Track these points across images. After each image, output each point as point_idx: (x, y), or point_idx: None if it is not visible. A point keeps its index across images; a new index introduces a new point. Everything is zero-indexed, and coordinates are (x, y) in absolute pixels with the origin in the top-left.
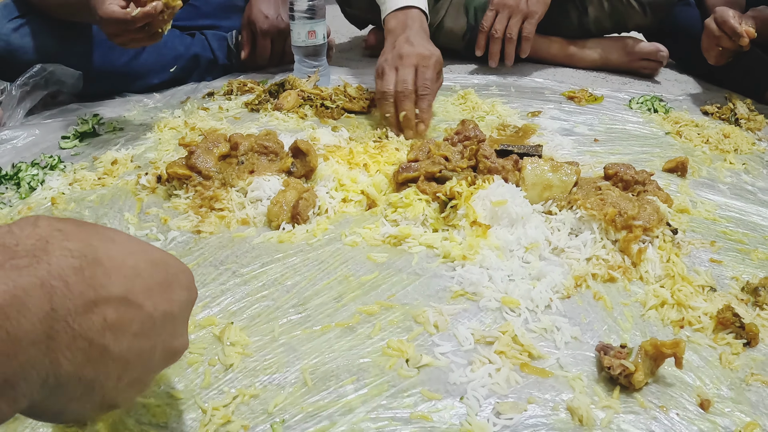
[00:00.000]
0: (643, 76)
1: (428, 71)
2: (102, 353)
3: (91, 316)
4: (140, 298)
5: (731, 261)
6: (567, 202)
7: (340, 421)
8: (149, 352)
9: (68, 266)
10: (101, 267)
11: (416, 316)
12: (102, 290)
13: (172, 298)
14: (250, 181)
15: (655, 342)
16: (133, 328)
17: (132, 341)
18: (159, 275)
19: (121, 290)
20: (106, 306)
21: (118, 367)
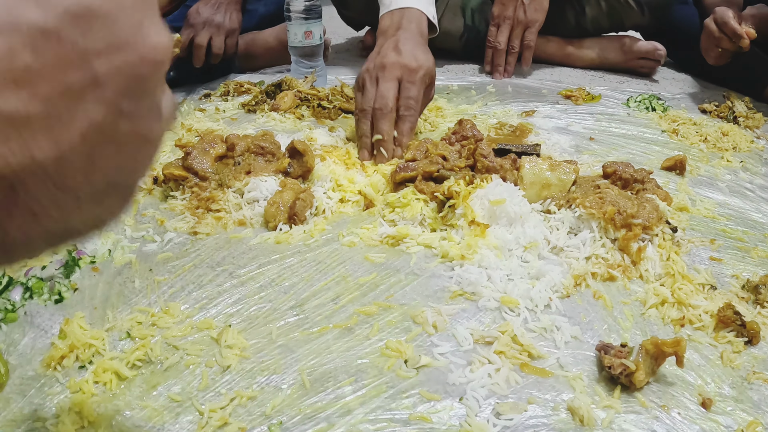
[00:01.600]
0: (641, 74)
1: (413, 88)
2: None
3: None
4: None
5: (731, 259)
6: (566, 201)
7: (338, 422)
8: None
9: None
10: None
11: (415, 316)
12: None
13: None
14: (246, 181)
15: (655, 341)
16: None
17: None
18: None
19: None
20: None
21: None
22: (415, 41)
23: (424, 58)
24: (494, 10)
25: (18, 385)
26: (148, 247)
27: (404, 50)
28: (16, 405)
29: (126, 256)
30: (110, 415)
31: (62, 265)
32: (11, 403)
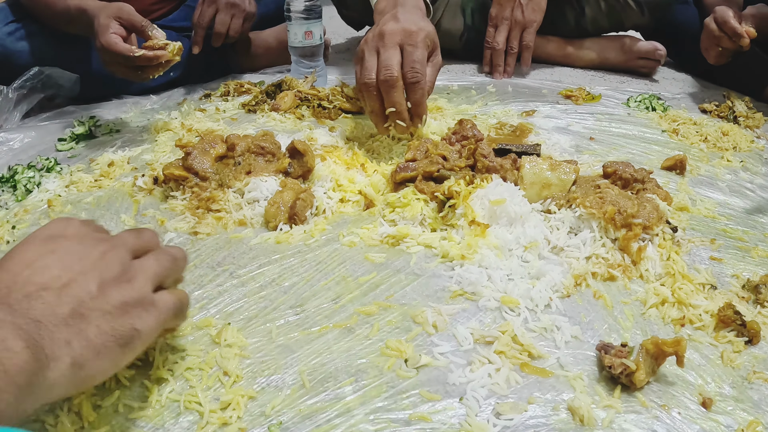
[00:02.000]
0: (641, 74)
1: (416, 51)
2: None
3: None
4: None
5: (731, 259)
6: (566, 201)
7: (338, 422)
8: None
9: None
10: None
11: (415, 316)
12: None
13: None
14: (247, 182)
15: (656, 340)
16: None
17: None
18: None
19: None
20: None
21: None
22: (414, 12)
23: (424, 24)
24: (492, 11)
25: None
26: None
27: (402, 18)
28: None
29: None
30: (110, 415)
31: None
32: None
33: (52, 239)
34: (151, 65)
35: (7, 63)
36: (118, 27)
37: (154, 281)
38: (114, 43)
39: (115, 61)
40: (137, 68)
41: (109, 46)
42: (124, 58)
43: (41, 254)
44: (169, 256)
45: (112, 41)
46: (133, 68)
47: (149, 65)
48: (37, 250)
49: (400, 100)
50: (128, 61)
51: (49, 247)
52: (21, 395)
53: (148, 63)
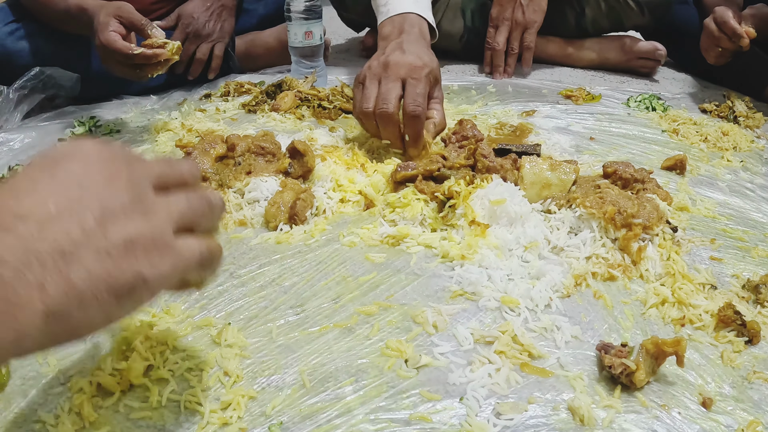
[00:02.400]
0: (642, 74)
1: (419, 85)
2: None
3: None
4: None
5: (731, 258)
6: (566, 201)
7: (339, 422)
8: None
9: None
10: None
11: (415, 316)
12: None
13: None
14: (247, 182)
15: (656, 340)
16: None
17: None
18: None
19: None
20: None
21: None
22: (419, 43)
23: (428, 58)
24: (492, 12)
25: (19, 385)
26: None
27: (408, 50)
28: (17, 405)
29: None
30: (111, 416)
31: None
32: (12, 403)
33: (54, 161)
34: (149, 63)
35: (8, 63)
36: (117, 25)
37: (178, 222)
38: (113, 40)
39: (114, 59)
40: (136, 66)
41: (108, 43)
42: (123, 56)
43: (35, 179)
44: (203, 198)
45: (111, 39)
46: (131, 66)
47: (148, 63)
48: (32, 174)
49: (393, 134)
50: (127, 59)
51: (48, 170)
52: None
53: (146, 61)
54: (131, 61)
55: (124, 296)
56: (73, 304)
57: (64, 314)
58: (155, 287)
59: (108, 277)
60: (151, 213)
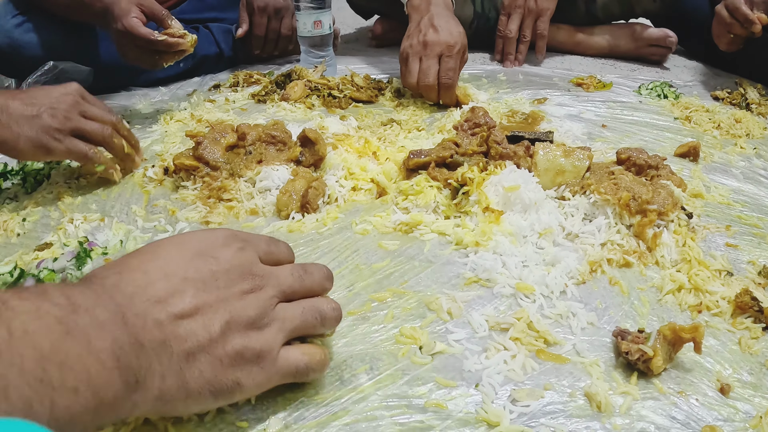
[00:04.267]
0: (652, 62)
1: (451, 61)
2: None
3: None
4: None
5: (747, 245)
6: (580, 187)
7: (353, 409)
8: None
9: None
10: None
11: (429, 303)
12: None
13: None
14: (258, 170)
15: (673, 327)
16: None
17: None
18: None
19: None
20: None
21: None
22: (447, 16)
23: (458, 33)
24: (505, 0)
25: None
26: (159, 236)
27: (440, 26)
28: None
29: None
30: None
31: (74, 256)
32: None
33: (201, 256)
34: (168, 52)
35: (17, 55)
36: (139, 13)
37: (289, 334)
38: (136, 25)
39: (133, 43)
40: (154, 53)
41: (131, 28)
42: (146, 41)
43: (184, 269)
44: (317, 312)
45: (135, 24)
46: (149, 53)
47: (166, 52)
48: (182, 263)
49: (432, 98)
50: (149, 44)
51: (195, 264)
52: (101, 411)
53: (167, 49)
54: (153, 47)
55: (221, 397)
56: (181, 397)
57: (171, 402)
58: (249, 393)
59: (214, 380)
60: (266, 328)
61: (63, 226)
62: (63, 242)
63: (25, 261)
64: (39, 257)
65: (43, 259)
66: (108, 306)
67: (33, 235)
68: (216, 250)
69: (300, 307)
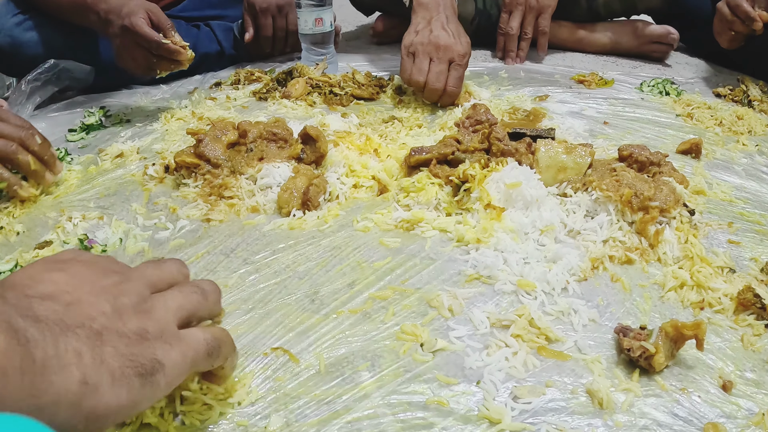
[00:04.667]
0: (654, 59)
1: (461, 70)
2: None
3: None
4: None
5: (749, 242)
6: (582, 184)
7: (355, 406)
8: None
9: None
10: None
11: (430, 300)
12: None
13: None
14: (259, 168)
15: (675, 323)
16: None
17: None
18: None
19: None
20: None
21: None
22: (457, 22)
23: (467, 43)
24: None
25: None
26: (160, 234)
27: (452, 32)
28: None
29: (138, 244)
30: None
31: None
32: None
33: (62, 262)
34: (165, 58)
35: (17, 54)
36: (146, 16)
37: (177, 315)
38: (143, 24)
39: (135, 43)
40: (151, 59)
41: (137, 26)
42: (148, 41)
43: (48, 270)
44: (196, 289)
45: (141, 23)
46: (146, 58)
47: (165, 58)
48: (44, 267)
49: (433, 100)
50: (150, 45)
51: (58, 266)
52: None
53: (167, 54)
54: (154, 48)
55: (146, 378)
56: (106, 378)
57: (98, 387)
58: (170, 374)
59: (131, 356)
60: (154, 311)
61: (62, 225)
62: (63, 240)
63: (25, 259)
64: (39, 255)
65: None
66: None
67: (32, 234)
68: (72, 256)
69: (175, 289)
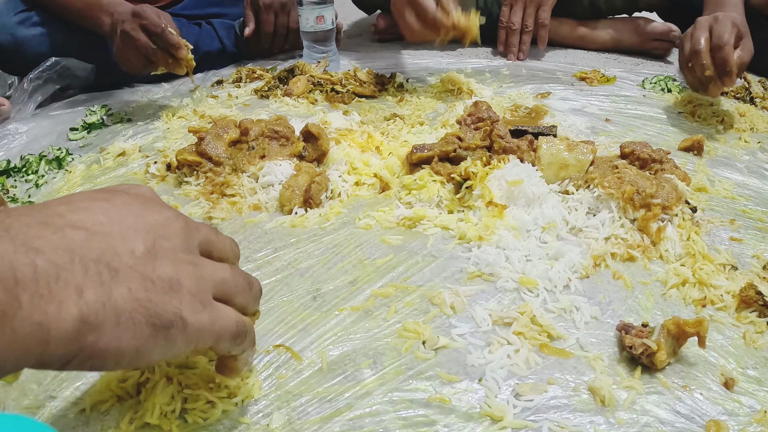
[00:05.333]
0: (656, 56)
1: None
2: None
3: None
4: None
5: (752, 239)
6: (584, 181)
7: (357, 404)
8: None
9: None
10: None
11: (432, 297)
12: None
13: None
14: (261, 166)
15: (677, 321)
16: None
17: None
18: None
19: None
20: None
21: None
22: None
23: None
24: None
25: (34, 373)
26: None
27: None
28: (32, 393)
29: None
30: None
31: None
32: (27, 391)
33: (112, 192)
34: (164, 54)
35: (19, 52)
36: (155, 11)
37: (218, 287)
38: (150, 11)
39: (137, 35)
40: (152, 53)
41: (145, 11)
42: (155, 26)
43: (92, 198)
44: (245, 276)
45: (149, 9)
46: (148, 49)
47: (163, 54)
48: (89, 195)
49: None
50: (157, 31)
51: (105, 196)
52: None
53: (170, 46)
54: (160, 35)
55: (159, 330)
56: (109, 318)
57: (97, 326)
58: (192, 335)
59: (149, 303)
60: (196, 268)
61: None
62: None
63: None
64: None
65: None
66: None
67: None
68: (127, 188)
69: (226, 264)
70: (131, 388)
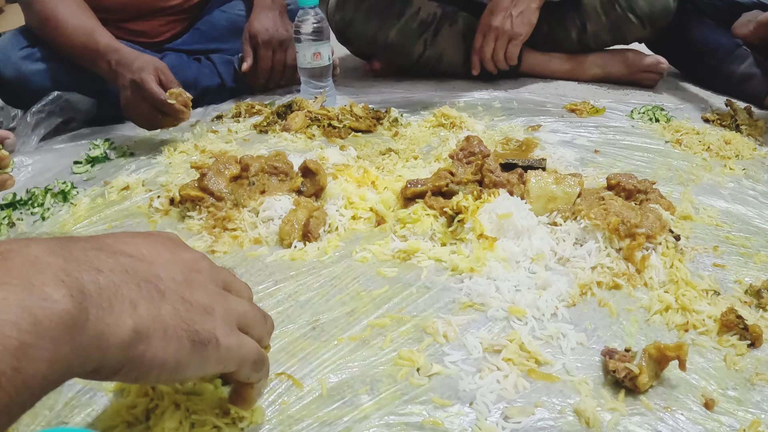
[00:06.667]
0: (645, 86)
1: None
2: None
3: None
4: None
5: (734, 265)
6: (571, 213)
7: (355, 427)
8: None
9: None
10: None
11: (426, 327)
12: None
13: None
14: (261, 201)
15: (658, 345)
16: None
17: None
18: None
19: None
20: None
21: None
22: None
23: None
24: (483, 18)
25: (46, 399)
26: None
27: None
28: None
29: None
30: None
31: None
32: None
33: (150, 234)
34: (169, 117)
35: (23, 86)
36: (155, 73)
37: (239, 319)
38: (151, 82)
39: (143, 98)
40: (156, 114)
41: (146, 82)
42: (154, 98)
43: (133, 236)
44: (260, 311)
45: (150, 80)
46: (153, 113)
47: (169, 115)
48: (131, 234)
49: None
50: (156, 103)
51: (142, 234)
52: (60, 351)
53: (172, 113)
54: (159, 106)
55: (197, 347)
56: (158, 331)
57: (147, 337)
58: (223, 355)
59: (190, 321)
60: (225, 298)
61: None
62: None
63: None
64: None
65: None
66: (47, 245)
67: None
68: (155, 233)
69: (245, 299)
70: (141, 414)
